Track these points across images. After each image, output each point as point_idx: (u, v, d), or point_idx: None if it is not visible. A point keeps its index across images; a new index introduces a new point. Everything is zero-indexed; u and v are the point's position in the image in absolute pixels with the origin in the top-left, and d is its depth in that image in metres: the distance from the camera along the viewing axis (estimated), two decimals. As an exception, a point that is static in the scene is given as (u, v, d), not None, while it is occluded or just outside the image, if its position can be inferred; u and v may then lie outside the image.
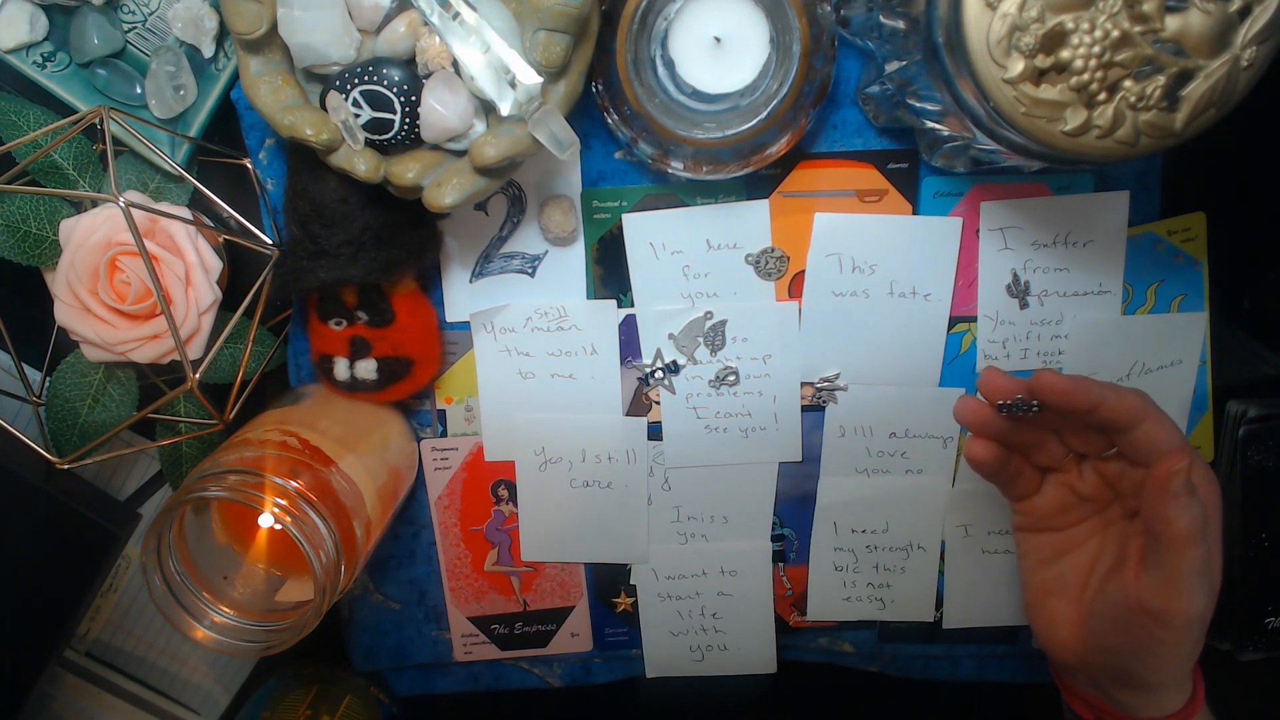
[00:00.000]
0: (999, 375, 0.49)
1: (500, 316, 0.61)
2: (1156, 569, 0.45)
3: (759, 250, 0.59)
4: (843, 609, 0.66)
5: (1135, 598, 0.46)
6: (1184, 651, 0.46)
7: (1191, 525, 0.44)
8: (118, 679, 0.67)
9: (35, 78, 0.55)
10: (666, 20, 0.51)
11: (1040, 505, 0.52)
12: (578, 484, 0.64)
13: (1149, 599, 0.45)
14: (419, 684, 0.70)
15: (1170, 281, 0.61)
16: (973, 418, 0.50)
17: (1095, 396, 0.46)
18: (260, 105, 0.49)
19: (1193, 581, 0.44)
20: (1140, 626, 0.46)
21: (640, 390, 0.62)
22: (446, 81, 0.49)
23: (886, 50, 0.51)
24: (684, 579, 0.66)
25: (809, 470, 0.63)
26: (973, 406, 0.50)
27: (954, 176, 0.58)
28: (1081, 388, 0.46)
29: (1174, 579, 0.45)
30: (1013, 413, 0.48)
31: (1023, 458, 0.51)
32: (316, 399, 0.59)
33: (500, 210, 0.59)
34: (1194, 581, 0.44)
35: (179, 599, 0.50)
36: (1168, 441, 0.46)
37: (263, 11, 0.48)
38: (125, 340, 0.53)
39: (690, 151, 0.53)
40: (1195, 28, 0.41)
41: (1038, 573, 0.53)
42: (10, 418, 0.57)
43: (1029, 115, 0.43)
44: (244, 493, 0.47)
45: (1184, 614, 0.45)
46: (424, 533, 0.66)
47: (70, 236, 0.52)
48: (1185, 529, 0.44)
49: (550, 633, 0.68)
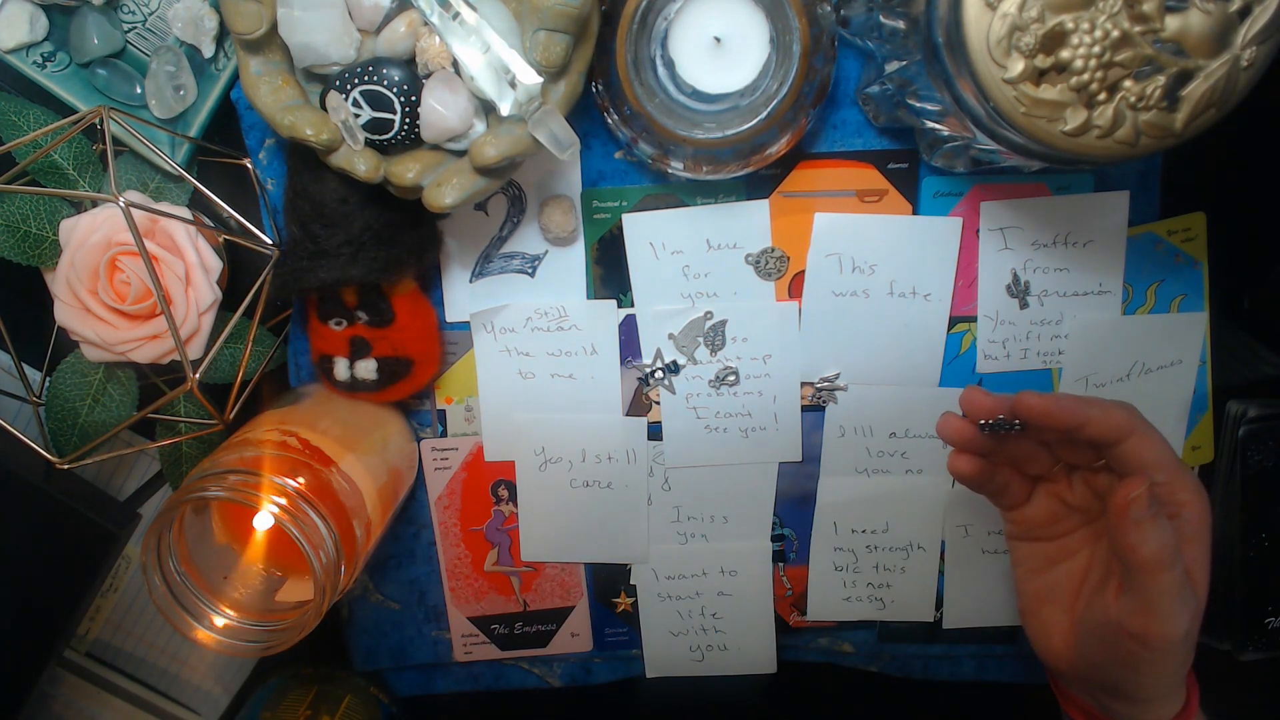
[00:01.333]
0: (981, 394, 0.48)
1: (500, 316, 0.61)
2: (1133, 593, 0.45)
3: (759, 250, 0.59)
4: (843, 609, 0.66)
5: (1116, 620, 0.46)
6: (1170, 668, 0.46)
7: (1158, 550, 0.43)
8: (118, 679, 0.67)
9: (35, 78, 0.55)
10: (666, 20, 0.51)
11: (1031, 515, 0.52)
12: (578, 484, 0.64)
13: (1128, 622, 0.45)
14: (419, 684, 0.70)
15: (1170, 281, 0.60)
16: (955, 435, 0.49)
17: (1079, 416, 0.45)
18: (260, 105, 0.49)
19: (1169, 604, 0.44)
20: (1123, 646, 0.46)
21: (640, 390, 0.62)
22: (446, 81, 0.49)
23: (886, 50, 0.51)
24: (684, 579, 0.66)
25: (809, 470, 0.63)
26: (955, 424, 0.49)
27: (954, 176, 0.58)
28: (1064, 408, 0.46)
29: (1150, 602, 0.44)
30: (995, 431, 0.48)
31: (1011, 468, 0.51)
32: (316, 399, 0.59)
33: (500, 210, 0.59)
34: (1170, 604, 0.44)
35: (179, 599, 0.50)
36: (1156, 457, 0.45)
37: (263, 11, 0.48)
38: (125, 340, 0.53)
39: (690, 151, 0.53)
40: (1195, 28, 0.41)
41: (1030, 581, 0.52)
42: (10, 418, 0.57)
43: (1029, 115, 0.43)
44: (244, 493, 0.47)
45: (1163, 637, 0.44)
46: (424, 533, 0.66)
47: (70, 236, 0.52)
48: (1151, 555, 0.43)
49: (550, 633, 0.68)
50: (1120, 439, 0.45)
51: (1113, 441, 0.46)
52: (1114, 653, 0.46)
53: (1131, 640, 0.45)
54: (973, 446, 0.50)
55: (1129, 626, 0.45)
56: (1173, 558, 0.44)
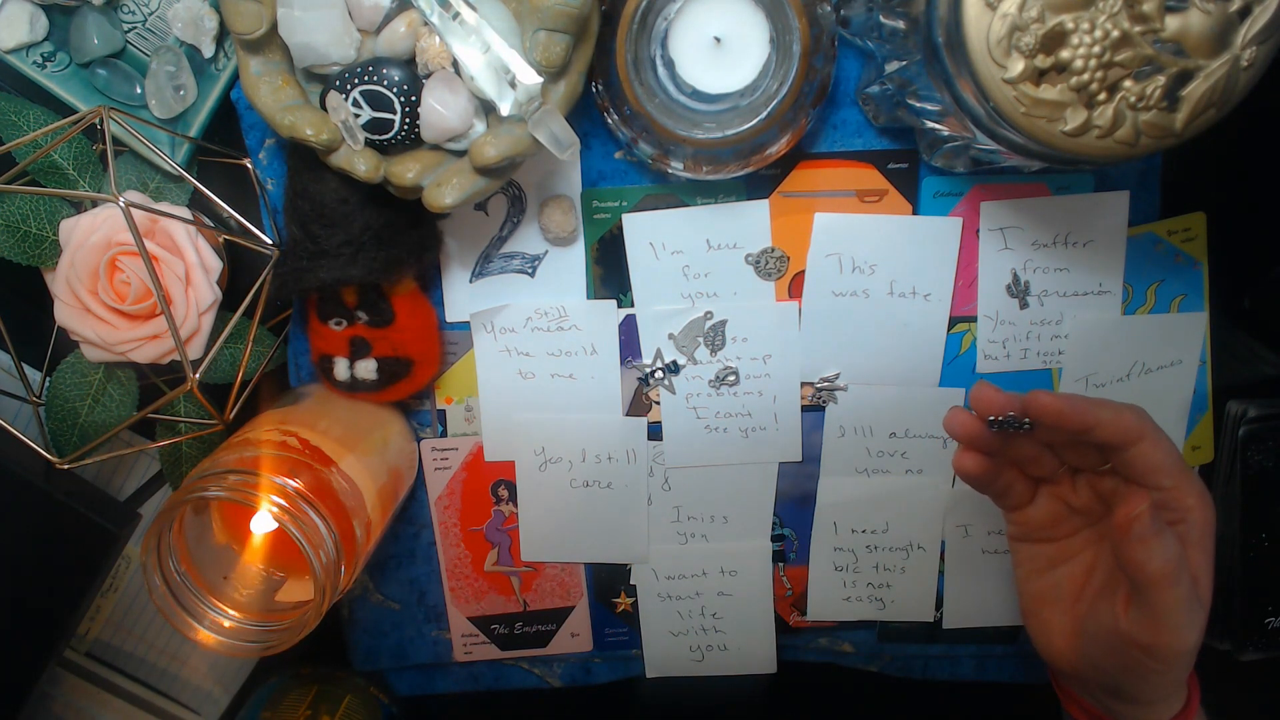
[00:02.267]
0: (991, 390, 0.48)
1: (500, 316, 0.61)
2: (1142, 606, 0.44)
3: (759, 250, 0.59)
4: (843, 609, 0.66)
5: (1125, 631, 0.45)
6: (1176, 676, 0.46)
7: (1165, 565, 0.43)
8: (118, 679, 0.67)
9: (35, 78, 0.55)
10: (666, 20, 0.51)
11: (1033, 516, 0.51)
12: (578, 484, 0.64)
13: (1138, 635, 0.45)
14: (419, 684, 0.70)
15: (1170, 281, 0.61)
16: (962, 431, 0.49)
17: (1090, 418, 0.45)
18: (260, 105, 0.49)
19: (1178, 617, 0.44)
20: (1131, 656, 0.45)
21: (640, 390, 0.62)
22: (446, 81, 0.49)
23: (886, 50, 0.51)
24: (684, 579, 0.66)
25: (809, 470, 0.63)
26: (963, 419, 0.49)
27: (954, 176, 0.58)
28: (1076, 409, 0.45)
29: (1160, 616, 0.44)
30: (1004, 429, 0.47)
31: (1015, 469, 0.51)
32: (316, 399, 0.59)
33: (500, 210, 0.59)
34: (1180, 617, 0.44)
35: (179, 599, 0.50)
36: (1163, 462, 0.45)
37: (263, 11, 0.48)
38: (125, 340, 0.53)
39: (690, 151, 0.53)
40: (1195, 28, 0.41)
41: (1032, 582, 0.52)
42: (10, 418, 0.57)
43: (1029, 115, 0.43)
44: (244, 493, 0.47)
45: (1173, 648, 0.44)
46: (424, 533, 0.66)
47: (70, 236, 0.52)
48: (1159, 570, 0.43)
49: (550, 633, 0.68)
50: (1130, 443, 0.45)
51: (1122, 445, 0.45)
52: (1120, 660, 0.46)
53: (1140, 651, 0.45)
54: (979, 444, 0.49)
55: (1138, 639, 0.45)
56: (1179, 571, 0.43)
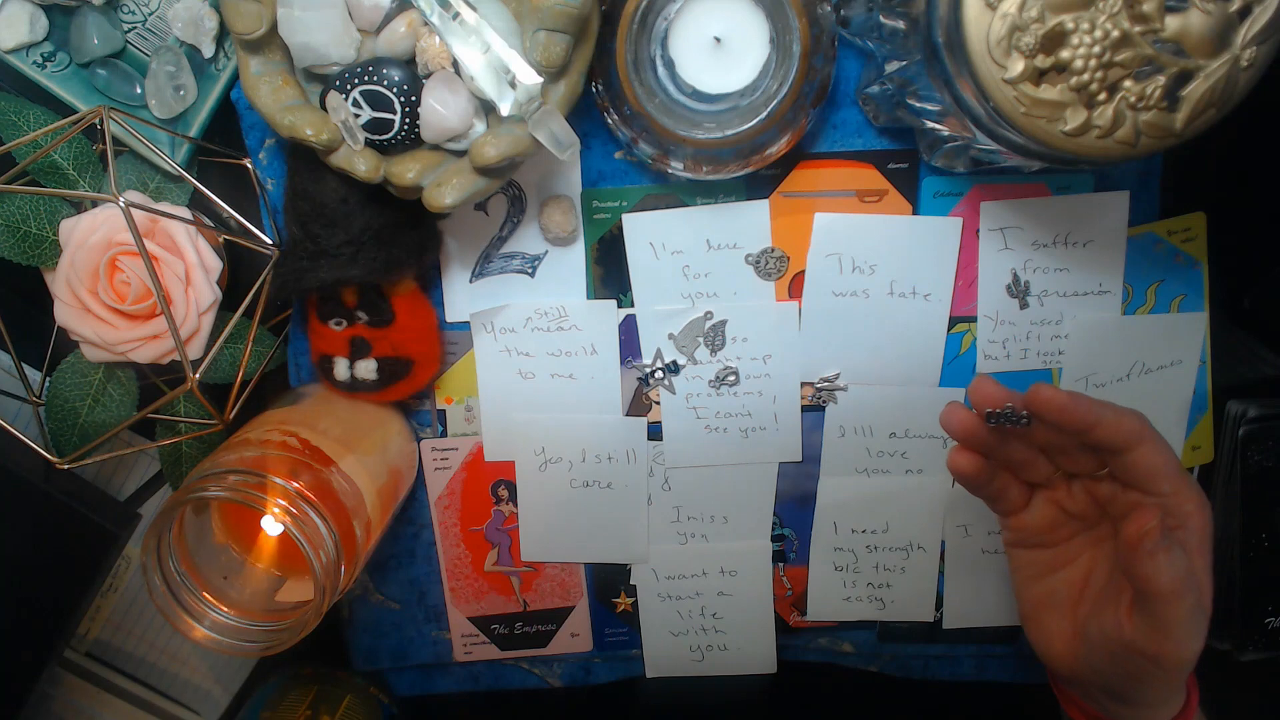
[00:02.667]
0: (990, 384, 0.47)
1: (500, 316, 0.61)
2: (1148, 617, 0.44)
3: (759, 250, 0.59)
4: (842, 609, 0.66)
5: (1130, 640, 0.45)
6: (1178, 681, 0.46)
7: (1173, 578, 0.43)
8: (118, 679, 0.67)
9: (35, 78, 0.55)
10: (666, 20, 0.51)
11: (1028, 521, 0.51)
12: (578, 484, 0.64)
13: (1143, 644, 0.45)
14: (419, 684, 0.70)
15: (1170, 281, 0.61)
16: (959, 427, 0.48)
17: (1092, 415, 0.45)
18: (260, 105, 0.49)
19: (1185, 628, 0.44)
20: (1134, 663, 0.45)
21: (640, 390, 0.62)
22: (446, 81, 0.49)
23: (886, 50, 0.51)
24: (684, 579, 0.66)
25: (809, 470, 0.63)
26: (960, 415, 0.48)
27: (954, 176, 0.58)
28: (1079, 405, 0.45)
29: (1166, 628, 0.44)
30: (1001, 423, 0.47)
31: (1010, 473, 0.50)
32: (316, 399, 0.59)
33: (500, 210, 0.59)
34: (1186, 628, 0.44)
35: (179, 599, 0.50)
36: (1163, 467, 0.45)
37: (263, 11, 0.48)
38: (125, 340, 0.53)
39: (690, 151, 0.53)
40: (1195, 28, 0.41)
41: (1030, 588, 0.52)
42: (10, 418, 0.57)
43: (1029, 115, 0.43)
44: (244, 493, 0.47)
45: (1179, 657, 0.44)
46: (424, 533, 0.66)
47: (70, 236, 0.52)
48: (1168, 584, 0.43)
49: (550, 633, 0.68)
50: (1130, 446, 0.45)
51: (1122, 447, 0.45)
52: (1123, 667, 0.46)
53: (1145, 659, 0.45)
54: (974, 441, 0.49)
55: (1144, 648, 0.45)
56: (1187, 585, 0.43)
